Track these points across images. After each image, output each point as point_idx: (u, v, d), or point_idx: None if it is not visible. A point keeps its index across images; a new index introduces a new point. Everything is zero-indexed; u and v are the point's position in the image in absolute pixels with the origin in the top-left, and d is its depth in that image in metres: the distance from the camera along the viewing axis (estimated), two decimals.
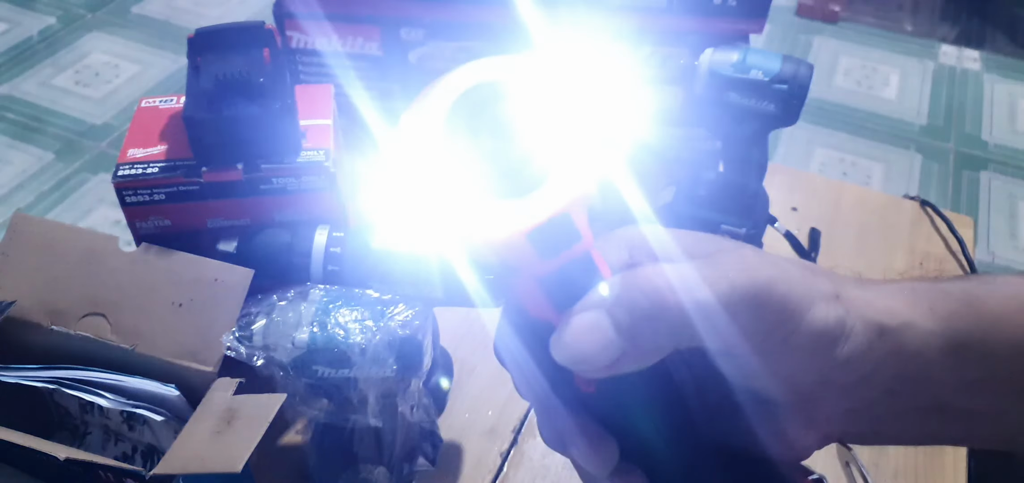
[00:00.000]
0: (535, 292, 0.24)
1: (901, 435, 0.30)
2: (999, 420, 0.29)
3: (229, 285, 0.55)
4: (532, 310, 0.25)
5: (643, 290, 0.24)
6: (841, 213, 0.86)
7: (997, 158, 1.89)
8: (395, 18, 0.76)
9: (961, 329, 0.27)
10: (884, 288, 0.28)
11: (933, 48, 2.23)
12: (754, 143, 0.72)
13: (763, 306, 0.25)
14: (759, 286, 0.25)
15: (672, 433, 0.27)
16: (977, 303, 0.28)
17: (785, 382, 0.27)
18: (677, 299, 0.24)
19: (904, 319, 0.27)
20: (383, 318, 0.52)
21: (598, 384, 0.25)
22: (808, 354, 0.26)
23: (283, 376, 0.52)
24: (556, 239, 0.22)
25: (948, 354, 0.27)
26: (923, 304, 0.28)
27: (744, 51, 0.68)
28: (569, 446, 0.26)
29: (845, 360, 0.26)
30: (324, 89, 0.68)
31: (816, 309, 0.25)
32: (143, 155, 0.61)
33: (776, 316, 0.25)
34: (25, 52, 2.05)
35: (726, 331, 0.25)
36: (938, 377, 0.27)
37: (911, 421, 0.29)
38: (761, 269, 0.25)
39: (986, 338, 0.27)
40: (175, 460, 0.47)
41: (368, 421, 0.54)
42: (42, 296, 0.57)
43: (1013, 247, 1.67)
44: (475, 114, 0.22)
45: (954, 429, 0.29)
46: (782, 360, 0.26)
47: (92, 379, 0.54)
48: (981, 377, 0.28)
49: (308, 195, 0.61)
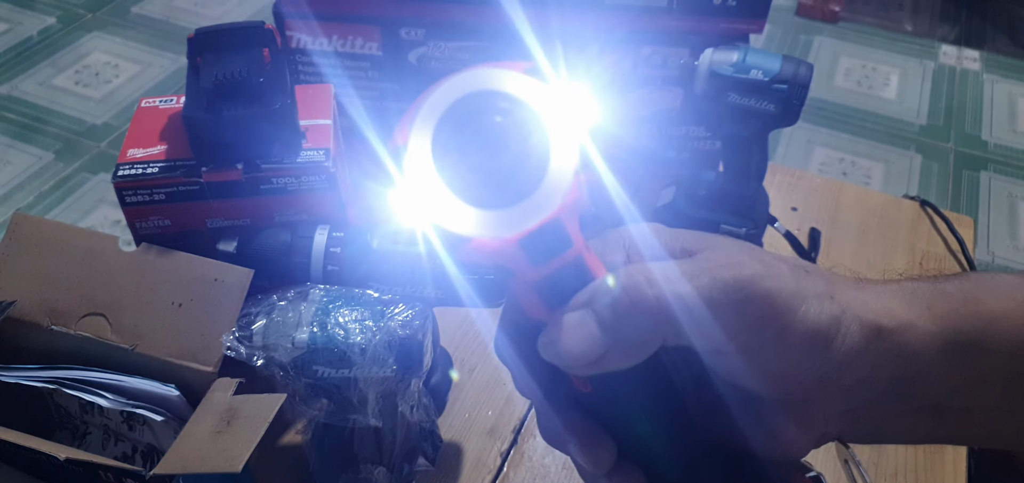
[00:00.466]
0: (531, 295, 0.24)
1: (900, 435, 0.30)
2: (999, 420, 0.29)
3: (229, 285, 0.55)
4: (529, 312, 0.25)
5: (624, 287, 0.24)
6: (841, 213, 0.86)
7: (997, 158, 1.89)
8: (395, 18, 0.76)
9: (960, 329, 0.27)
10: (882, 288, 0.28)
11: (933, 48, 2.23)
12: (754, 143, 0.72)
13: (747, 302, 0.25)
14: (742, 281, 0.25)
15: (670, 432, 0.27)
16: (976, 303, 0.28)
17: (779, 381, 0.26)
18: (657, 294, 0.24)
19: (902, 320, 0.27)
20: (383, 318, 0.52)
21: (594, 384, 0.25)
22: (802, 353, 0.26)
23: (283, 376, 0.52)
24: (547, 245, 0.23)
25: (946, 354, 0.27)
26: (921, 304, 0.28)
27: (744, 51, 0.68)
28: (567, 445, 0.27)
29: (841, 360, 0.26)
30: (324, 89, 0.68)
31: (808, 308, 0.25)
32: (143, 155, 0.61)
33: (761, 313, 0.25)
34: (25, 52, 2.05)
35: (709, 327, 0.25)
36: (936, 377, 0.27)
37: (910, 421, 0.28)
38: (746, 265, 0.25)
39: (984, 338, 0.27)
40: (175, 460, 0.47)
41: (368, 421, 0.53)
42: (42, 296, 0.57)
43: (1013, 247, 1.67)
44: (463, 126, 0.22)
45: (953, 429, 0.29)
46: (774, 358, 0.26)
47: (92, 379, 0.54)
48: (980, 377, 0.28)
49: (308, 195, 0.61)
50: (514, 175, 0.22)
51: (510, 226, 0.22)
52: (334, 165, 0.62)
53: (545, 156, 0.22)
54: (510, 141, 0.22)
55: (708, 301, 0.24)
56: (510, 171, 0.22)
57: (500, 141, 0.22)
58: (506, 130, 0.22)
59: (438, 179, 0.22)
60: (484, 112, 0.22)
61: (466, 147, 0.22)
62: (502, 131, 0.22)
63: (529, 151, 0.22)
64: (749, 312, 0.25)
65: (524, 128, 0.22)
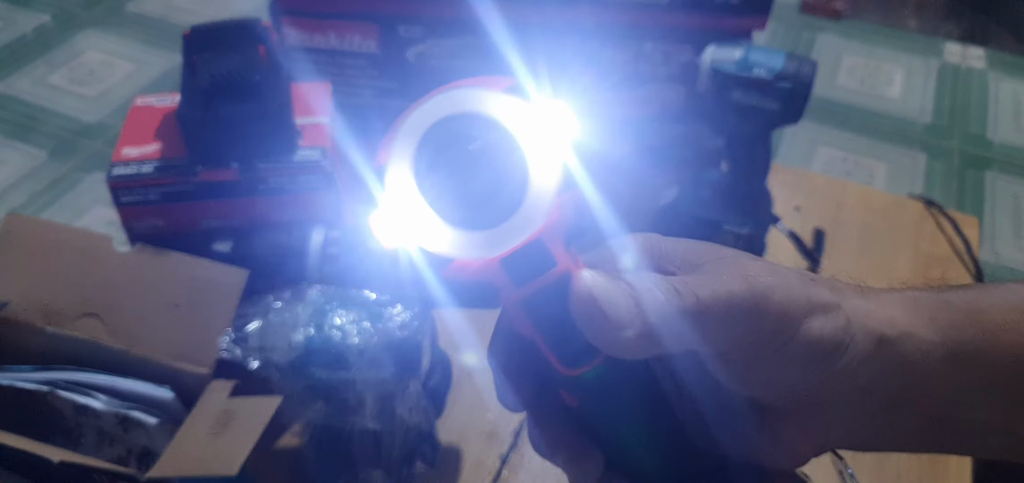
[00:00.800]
0: (519, 312, 0.24)
1: (903, 444, 0.30)
2: (1002, 431, 0.29)
3: (225, 286, 0.55)
4: (518, 327, 0.25)
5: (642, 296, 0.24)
6: (845, 213, 0.86)
7: (1001, 157, 1.88)
8: (393, 15, 0.75)
9: (962, 340, 0.27)
10: (885, 297, 0.28)
11: (937, 46, 2.21)
12: (757, 142, 0.71)
13: (763, 314, 0.25)
14: (758, 295, 0.25)
15: (658, 445, 0.27)
16: (978, 314, 0.28)
17: (784, 389, 0.27)
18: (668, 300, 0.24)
19: (904, 329, 0.27)
20: (381, 319, 0.52)
21: (581, 397, 0.26)
22: (807, 362, 0.26)
23: (279, 378, 0.52)
24: (530, 266, 0.23)
25: (948, 364, 0.27)
26: (924, 314, 0.28)
27: (747, 49, 0.67)
28: (555, 456, 0.27)
29: (844, 369, 0.26)
30: (321, 87, 0.68)
31: (814, 318, 0.26)
32: (138, 154, 0.60)
33: (775, 324, 0.25)
34: (19, 50, 2.04)
35: (725, 338, 0.25)
36: (938, 387, 0.27)
37: (912, 431, 0.29)
38: (760, 277, 0.25)
39: (987, 349, 0.27)
40: (170, 463, 0.47)
41: (366, 423, 0.53)
42: (36, 297, 0.56)
43: (1017, 247, 1.66)
44: (442, 150, 0.23)
45: (956, 440, 0.29)
46: (781, 367, 0.26)
47: (86, 381, 0.54)
48: (982, 387, 0.28)
49: (304, 195, 0.61)
50: (494, 197, 0.22)
51: (491, 247, 0.22)
52: (331, 164, 0.61)
53: (525, 177, 0.22)
54: (488, 164, 0.23)
55: (724, 314, 0.24)
56: (490, 193, 0.22)
57: (478, 164, 0.23)
58: (484, 154, 0.23)
59: (419, 200, 0.22)
60: (461, 136, 0.23)
61: (445, 170, 0.23)
62: (480, 155, 0.23)
63: (508, 173, 0.22)
64: (764, 324, 0.25)
65: (502, 151, 0.22)
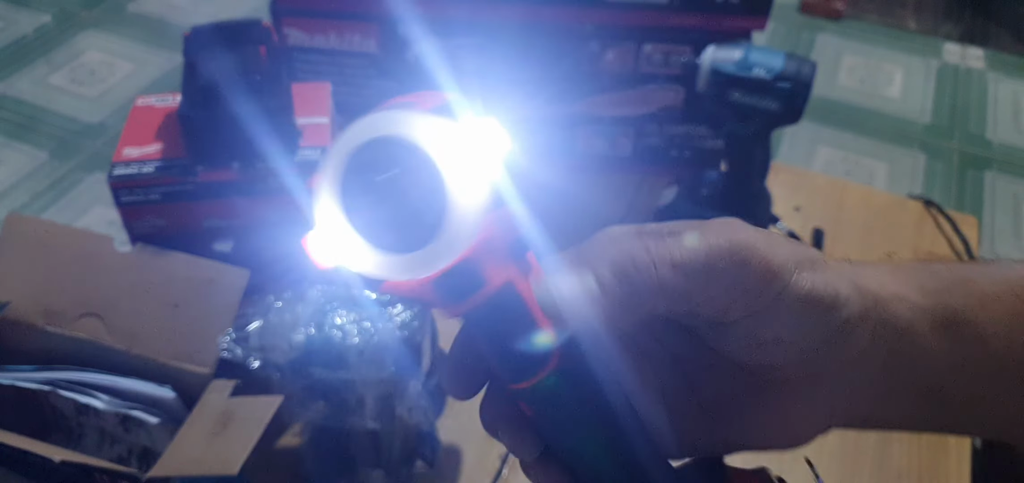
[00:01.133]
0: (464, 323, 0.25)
1: (903, 420, 0.30)
2: (997, 407, 0.29)
3: (225, 286, 0.55)
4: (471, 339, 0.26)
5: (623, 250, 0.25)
6: (845, 213, 0.86)
7: (1001, 157, 1.88)
8: (393, 16, 0.75)
9: (950, 305, 0.28)
10: (873, 266, 0.29)
11: (937, 46, 2.21)
12: (757, 142, 0.71)
13: (746, 264, 0.25)
14: (737, 246, 0.25)
15: (614, 451, 0.27)
16: (966, 282, 0.28)
17: (784, 351, 0.27)
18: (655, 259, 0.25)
19: (894, 291, 0.27)
20: (381, 319, 0.52)
21: (535, 408, 0.26)
22: (804, 316, 0.26)
23: (280, 378, 0.52)
24: (460, 286, 0.23)
25: (938, 329, 0.27)
26: (912, 281, 0.28)
27: (746, 49, 0.67)
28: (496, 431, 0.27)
29: (842, 326, 0.26)
30: (321, 87, 0.68)
31: (804, 271, 0.26)
32: (139, 154, 0.60)
33: (760, 275, 0.25)
34: (20, 50, 2.04)
35: (707, 291, 0.25)
36: (931, 355, 0.28)
37: (910, 404, 0.29)
38: (741, 231, 0.26)
39: (976, 317, 0.28)
40: (171, 463, 0.47)
41: (366, 423, 0.53)
42: (37, 297, 0.56)
43: (1017, 247, 1.66)
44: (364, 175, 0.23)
45: (954, 416, 0.30)
46: (775, 323, 0.26)
47: (87, 380, 0.54)
48: (974, 358, 0.28)
49: (305, 195, 0.61)
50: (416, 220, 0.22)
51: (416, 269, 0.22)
52: None
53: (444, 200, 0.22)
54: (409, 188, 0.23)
55: (705, 265, 0.25)
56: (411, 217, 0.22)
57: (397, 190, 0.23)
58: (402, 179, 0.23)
59: (345, 225, 0.23)
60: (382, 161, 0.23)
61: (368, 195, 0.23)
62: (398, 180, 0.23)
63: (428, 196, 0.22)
64: (747, 275, 0.25)
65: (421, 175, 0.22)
